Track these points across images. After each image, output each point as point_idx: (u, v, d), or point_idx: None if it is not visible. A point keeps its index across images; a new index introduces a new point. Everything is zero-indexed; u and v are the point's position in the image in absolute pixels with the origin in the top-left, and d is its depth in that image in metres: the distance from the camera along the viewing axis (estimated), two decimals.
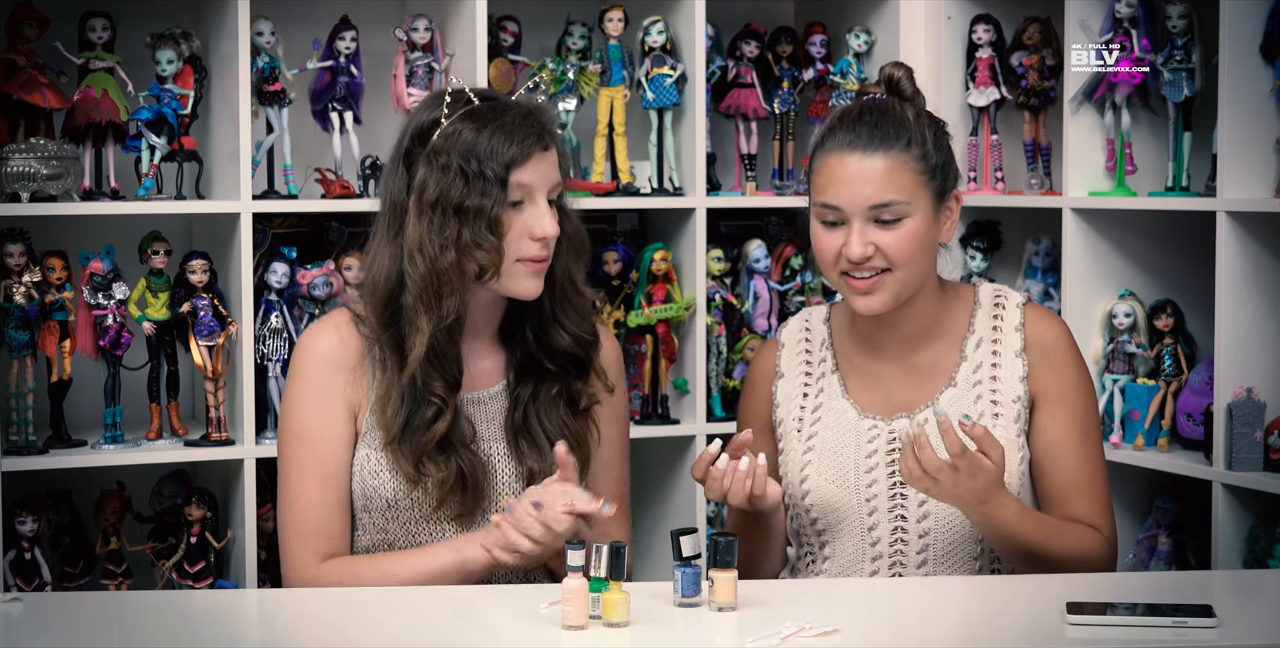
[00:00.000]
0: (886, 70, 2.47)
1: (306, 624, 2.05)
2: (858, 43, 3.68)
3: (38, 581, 3.17)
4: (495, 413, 2.43)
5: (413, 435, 2.34)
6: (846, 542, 2.44)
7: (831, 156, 2.37)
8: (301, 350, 2.41)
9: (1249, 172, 3.13)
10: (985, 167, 3.66)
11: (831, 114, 2.45)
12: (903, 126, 2.38)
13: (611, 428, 2.49)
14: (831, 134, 2.39)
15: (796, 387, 2.52)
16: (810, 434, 2.48)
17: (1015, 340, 2.44)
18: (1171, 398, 3.36)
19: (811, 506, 2.45)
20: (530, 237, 2.33)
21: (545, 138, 2.36)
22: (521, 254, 2.34)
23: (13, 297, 3.15)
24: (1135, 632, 1.99)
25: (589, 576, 2.01)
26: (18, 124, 3.23)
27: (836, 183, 2.36)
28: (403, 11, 3.53)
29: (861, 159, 2.35)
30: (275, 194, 3.34)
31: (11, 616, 2.10)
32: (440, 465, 2.34)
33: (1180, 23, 3.29)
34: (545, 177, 2.35)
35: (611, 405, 2.49)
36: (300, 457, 2.37)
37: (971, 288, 2.51)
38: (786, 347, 2.55)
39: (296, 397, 2.39)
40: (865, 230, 2.34)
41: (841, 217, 2.36)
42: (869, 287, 2.36)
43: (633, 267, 3.53)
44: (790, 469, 2.48)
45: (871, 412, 2.46)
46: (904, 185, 2.35)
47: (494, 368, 2.44)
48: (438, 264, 2.31)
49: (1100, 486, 2.43)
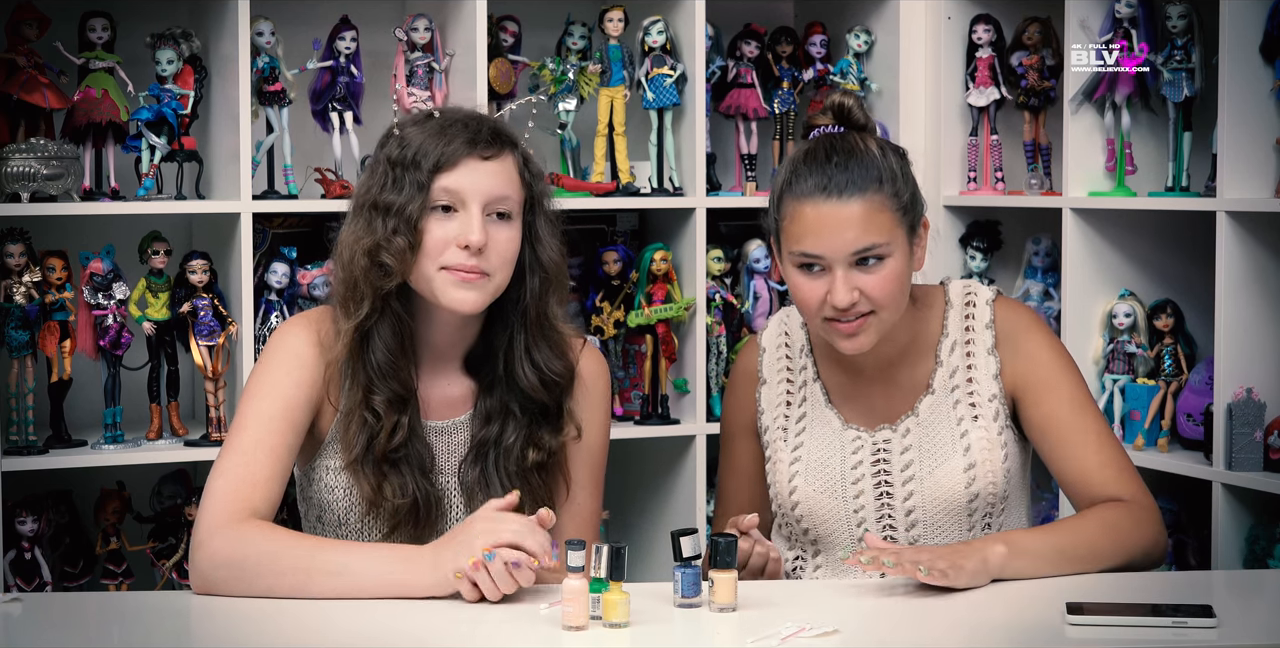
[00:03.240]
0: (836, 99, 2.40)
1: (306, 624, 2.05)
2: (858, 43, 3.68)
3: (38, 581, 3.17)
4: (457, 445, 2.37)
5: (372, 455, 2.30)
6: (837, 551, 2.44)
7: (805, 204, 2.31)
8: (284, 332, 2.34)
9: (1249, 172, 3.13)
10: (985, 167, 3.66)
11: (792, 155, 2.38)
12: (872, 165, 2.32)
13: (582, 472, 2.40)
14: (800, 178, 2.33)
15: (779, 394, 2.51)
16: (796, 445, 2.48)
17: (987, 338, 2.43)
18: (1171, 398, 3.36)
19: (802, 516, 2.45)
20: (457, 244, 2.27)
21: (483, 145, 2.29)
22: (446, 262, 2.27)
23: (13, 297, 3.15)
24: (1135, 632, 1.99)
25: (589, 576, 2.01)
26: (18, 124, 3.23)
27: (815, 232, 2.30)
28: (403, 11, 3.53)
29: (838, 206, 2.30)
30: (275, 194, 3.34)
31: (11, 616, 2.10)
32: (398, 491, 2.29)
33: (1180, 23, 3.29)
34: (479, 184, 2.28)
35: (584, 448, 2.40)
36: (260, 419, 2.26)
37: (941, 289, 2.49)
38: (767, 352, 2.54)
39: (275, 366, 2.30)
40: (849, 276, 2.30)
41: (823, 264, 2.31)
42: (855, 329, 2.33)
43: (633, 267, 3.53)
44: (778, 478, 2.48)
45: (855, 422, 2.46)
46: (882, 227, 2.31)
47: (461, 397, 2.38)
48: (352, 266, 2.29)
49: (1112, 453, 2.37)
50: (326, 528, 2.35)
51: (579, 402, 2.39)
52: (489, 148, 2.30)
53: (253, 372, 2.33)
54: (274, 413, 2.27)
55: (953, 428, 2.40)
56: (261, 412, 2.27)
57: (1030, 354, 2.42)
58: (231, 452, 2.25)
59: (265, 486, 2.23)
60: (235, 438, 2.27)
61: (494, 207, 2.29)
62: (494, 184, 2.29)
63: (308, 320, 2.36)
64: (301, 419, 2.30)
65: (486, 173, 2.29)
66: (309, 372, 2.31)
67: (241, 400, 2.31)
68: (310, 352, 2.31)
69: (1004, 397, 2.42)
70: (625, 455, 3.46)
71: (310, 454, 2.36)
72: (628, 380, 3.56)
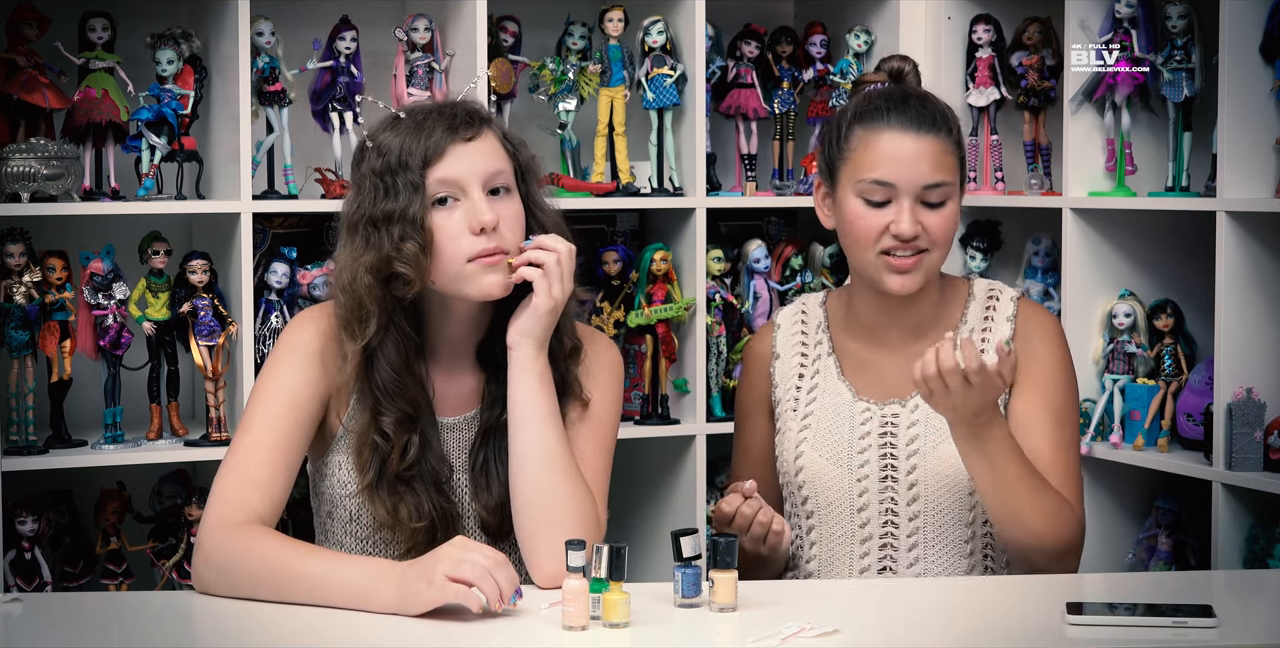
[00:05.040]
0: (894, 63, 2.50)
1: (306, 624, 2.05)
2: (858, 43, 3.68)
3: (38, 581, 3.17)
4: (467, 441, 2.35)
5: (385, 478, 2.27)
6: (835, 523, 2.46)
7: (884, 134, 2.39)
8: (294, 327, 2.33)
9: (1249, 172, 3.13)
10: (985, 167, 3.66)
11: (867, 93, 2.46)
12: (945, 113, 2.43)
13: (587, 444, 2.33)
14: (880, 112, 2.40)
15: (793, 367, 2.54)
16: (806, 413, 2.50)
17: (1005, 329, 2.46)
18: (1171, 398, 3.36)
19: (805, 482, 2.46)
20: (470, 231, 2.23)
21: (462, 128, 2.25)
22: (468, 252, 2.23)
23: (13, 297, 3.15)
24: (1135, 632, 1.99)
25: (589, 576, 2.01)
26: (18, 124, 3.23)
27: (891, 160, 2.38)
28: (403, 11, 3.53)
29: (917, 139, 2.38)
30: (275, 194, 3.34)
31: (11, 616, 2.10)
32: (414, 513, 2.27)
33: (1180, 23, 3.29)
34: (473, 166, 2.25)
35: (591, 418, 2.35)
36: (264, 417, 2.25)
37: (966, 282, 2.54)
38: (782, 328, 2.58)
39: (284, 362, 2.29)
40: (915, 209, 2.37)
41: (891, 194, 2.38)
42: (910, 265, 2.38)
43: (633, 267, 3.53)
44: (786, 447, 2.50)
45: (866, 395, 2.48)
46: (950, 168, 2.40)
47: (473, 391, 2.36)
48: (355, 287, 2.24)
49: (1070, 467, 2.42)
50: (336, 524, 2.34)
51: (588, 374, 2.36)
52: (469, 128, 2.27)
53: (262, 368, 2.33)
54: (279, 410, 2.26)
55: None
56: (267, 409, 2.26)
57: (1038, 355, 2.45)
58: (235, 451, 2.25)
59: (267, 485, 2.22)
60: (240, 437, 2.26)
61: (491, 183, 2.26)
62: (486, 162, 2.27)
63: (318, 312, 2.34)
64: (309, 415, 2.28)
65: (475, 153, 2.26)
66: (317, 365, 2.29)
67: (249, 398, 2.31)
68: (319, 344, 2.29)
69: (1008, 391, 2.43)
70: (625, 455, 3.45)
71: (322, 450, 2.34)
72: (628, 380, 3.56)
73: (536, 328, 2.25)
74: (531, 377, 2.25)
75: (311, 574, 2.11)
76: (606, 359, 2.39)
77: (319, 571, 2.11)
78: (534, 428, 2.24)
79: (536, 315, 2.24)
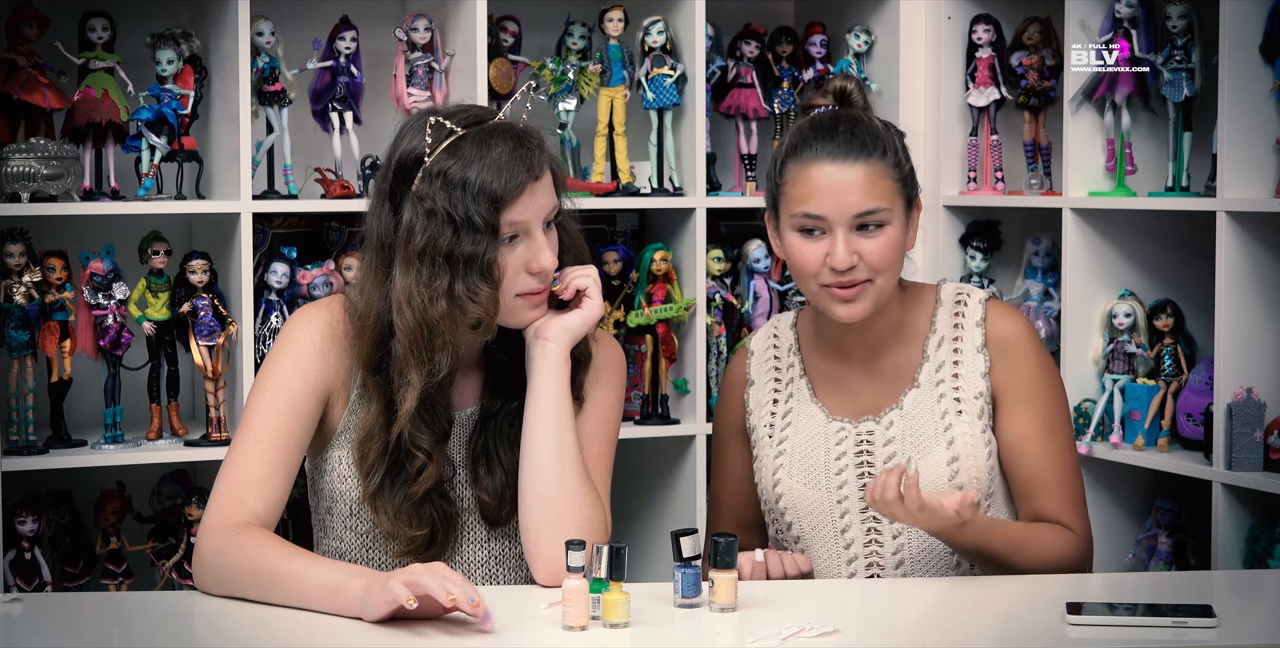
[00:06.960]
0: (837, 83, 2.46)
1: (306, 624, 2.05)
2: (858, 43, 3.68)
3: (38, 581, 3.17)
4: (467, 434, 2.35)
5: (394, 491, 2.26)
6: (821, 545, 2.45)
7: (811, 167, 2.36)
8: (294, 323, 2.31)
9: (1249, 172, 3.13)
10: (985, 167, 3.66)
11: (798, 124, 2.43)
12: (877, 135, 2.38)
13: (590, 441, 2.33)
14: (806, 144, 2.37)
15: (767, 393, 2.53)
16: (781, 439, 2.49)
17: (976, 336, 2.45)
18: (1171, 398, 3.36)
19: (785, 509, 2.46)
20: (528, 271, 2.24)
21: (535, 168, 2.22)
22: (520, 289, 2.24)
23: (13, 297, 3.15)
24: (1135, 632, 1.99)
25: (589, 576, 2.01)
26: (18, 124, 3.23)
27: (820, 193, 2.35)
28: (403, 11, 3.53)
29: (843, 168, 2.35)
30: (275, 194, 3.34)
31: (11, 616, 2.10)
32: (415, 523, 2.26)
33: (1180, 23, 3.29)
34: (540, 208, 2.23)
35: (591, 409, 2.35)
36: (262, 416, 2.24)
37: (933, 288, 2.51)
38: (755, 354, 2.57)
39: (283, 359, 2.28)
40: (849, 239, 2.34)
41: (824, 226, 2.35)
42: (853, 295, 2.36)
43: (633, 267, 3.53)
44: (764, 475, 2.49)
45: (839, 415, 2.47)
46: (884, 193, 2.36)
47: (473, 388, 2.36)
48: (428, 316, 2.20)
49: (1069, 482, 2.43)
50: (336, 520, 2.34)
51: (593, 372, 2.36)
52: (539, 165, 2.25)
53: (261, 367, 2.32)
54: (277, 408, 2.26)
55: (936, 422, 2.41)
56: (265, 407, 2.26)
57: (1017, 365, 2.44)
58: (235, 450, 2.25)
59: (265, 484, 2.22)
60: (239, 436, 2.27)
61: (548, 219, 2.27)
62: (548, 200, 2.26)
63: (318, 308, 2.33)
64: (308, 412, 2.28)
65: (541, 191, 2.25)
66: (315, 362, 2.28)
67: (249, 397, 2.30)
68: (317, 340, 2.29)
69: (989, 396, 2.43)
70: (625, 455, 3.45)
71: (321, 445, 2.34)
72: (628, 381, 3.55)
73: (579, 329, 2.28)
74: (559, 373, 2.27)
75: (291, 574, 2.12)
76: (610, 357, 2.40)
77: (298, 571, 2.12)
78: (553, 424, 2.25)
79: (585, 319, 2.28)
